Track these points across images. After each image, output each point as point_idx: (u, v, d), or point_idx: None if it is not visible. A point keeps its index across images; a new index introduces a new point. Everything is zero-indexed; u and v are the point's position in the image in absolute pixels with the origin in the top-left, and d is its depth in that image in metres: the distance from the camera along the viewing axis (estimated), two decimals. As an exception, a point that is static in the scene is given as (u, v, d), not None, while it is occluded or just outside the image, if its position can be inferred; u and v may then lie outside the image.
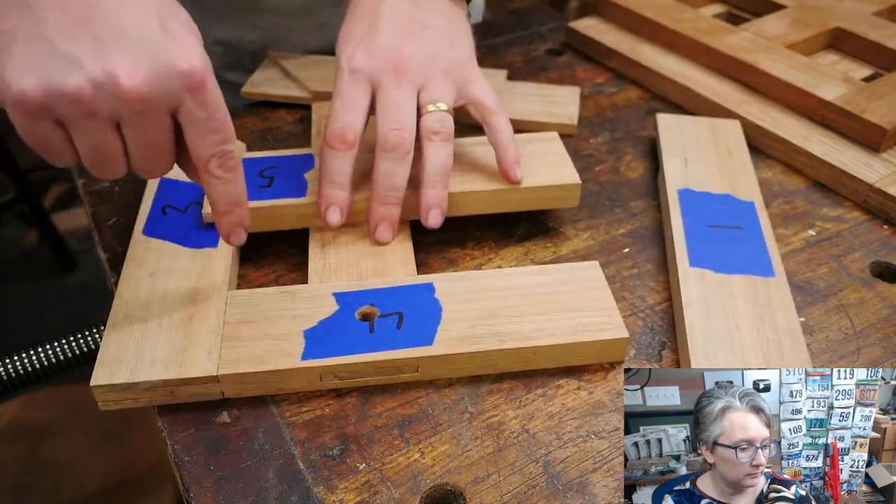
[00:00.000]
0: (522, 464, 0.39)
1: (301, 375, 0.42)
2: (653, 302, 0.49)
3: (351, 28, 0.51)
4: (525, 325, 0.44)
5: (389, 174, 0.48)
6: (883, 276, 0.51)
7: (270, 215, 0.50)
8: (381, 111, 0.48)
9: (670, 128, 0.61)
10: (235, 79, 0.76)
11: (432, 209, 0.49)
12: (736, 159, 0.58)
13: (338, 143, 0.48)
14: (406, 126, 0.48)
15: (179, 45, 0.36)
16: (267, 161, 0.54)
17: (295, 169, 0.53)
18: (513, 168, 0.51)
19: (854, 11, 0.73)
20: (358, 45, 0.49)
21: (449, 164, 0.49)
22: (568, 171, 0.53)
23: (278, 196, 0.51)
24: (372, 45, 0.49)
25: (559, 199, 0.53)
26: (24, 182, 1.66)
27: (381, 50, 0.49)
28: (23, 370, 0.54)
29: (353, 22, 0.51)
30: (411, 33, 0.50)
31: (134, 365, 0.41)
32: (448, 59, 0.51)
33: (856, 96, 0.60)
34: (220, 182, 0.41)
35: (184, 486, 0.38)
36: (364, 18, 0.51)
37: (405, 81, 0.48)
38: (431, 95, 0.49)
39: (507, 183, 0.51)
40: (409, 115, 0.48)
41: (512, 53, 0.78)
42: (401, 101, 0.48)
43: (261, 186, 0.51)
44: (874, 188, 0.55)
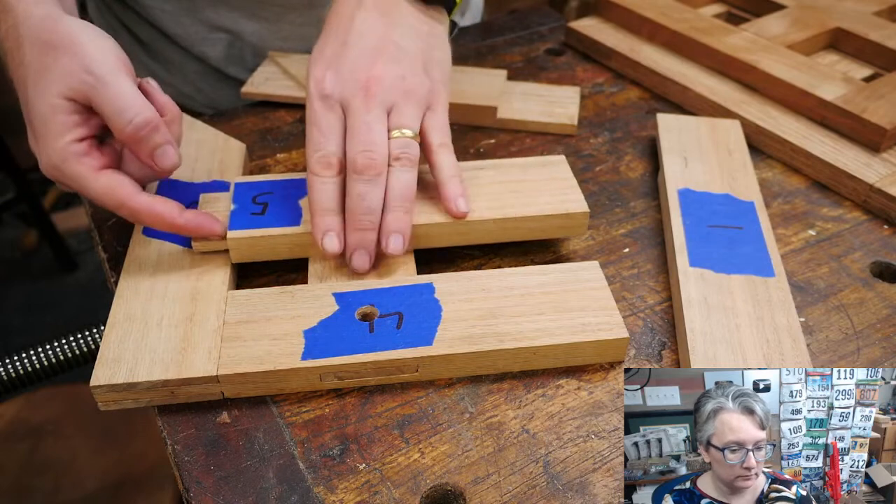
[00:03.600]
0: (522, 464, 0.39)
1: (301, 375, 0.42)
2: (653, 302, 0.49)
3: (323, 46, 0.50)
4: (525, 325, 0.44)
5: (362, 196, 0.46)
6: (883, 276, 0.51)
7: (263, 245, 0.48)
8: (351, 134, 0.47)
9: (670, 128, 0.61)
10: (236, 73, 0.76)
11: (392, 234, 0.47)
12: (736, 159, 0.58)
13: (324, 170, 0.47)
14: (376, 147, 0.47)
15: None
16: (261, 186, 0.52)
17: (290, 195, 0.51)
18: (454, 201, 0.49)
19: (854, 11, 0.73)
20: (328, 67, 0.49)
21: (411, 190, 0.48)
22: (575, 198, 0.51)
23: (272, 225, 0.48)
24: (342, 67, 0.49)
25: (565, 229, 0.51)
26: (24, 182, 1.66)
27: (351, 72, 0.48)
28: (23, 370, 0.54)
29: (326, 39, 0.51)
30: (383, 53, 0.49)
31: (134, 365, 0.41)
32: (419, 84, 0.49)
33: (856, 96, 0.60)
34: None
35: (184, 486, 0.38)
36: (337, 36, 0.50)
37: (375, 105, 0.47)
38: (398, 121, 0.48)
39: (454, 218, 0.49)
40: (380, 135, 0.47)
41: (512, 53, 0.78)
42: (371, 124, 0.47)
43: (254, 214, 0.49)
44: (874, 188, 0.55)
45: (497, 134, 0.65)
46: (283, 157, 0.62)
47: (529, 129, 0.65)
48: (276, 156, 0.63)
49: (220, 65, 0.76)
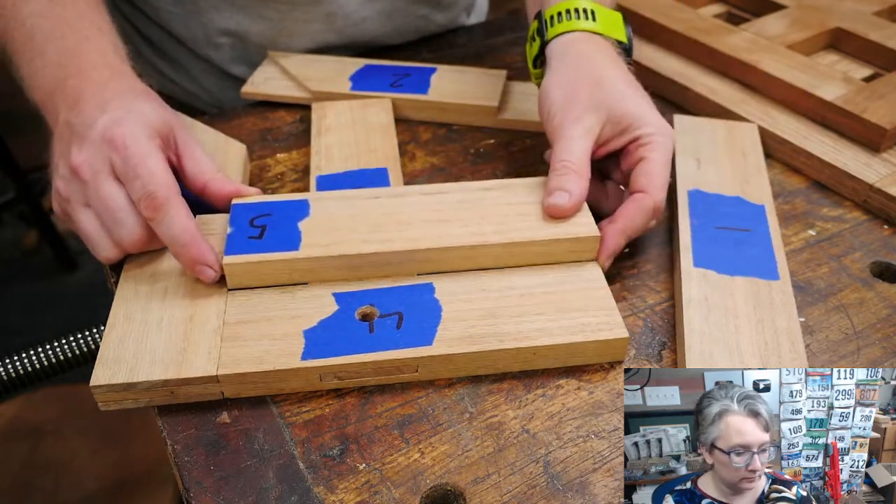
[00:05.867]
0: (522, 464, 0.39)
1: (301, 375, 0.42)
2: (653, 302, 0.49)
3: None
4: (525, 325, 0.44)
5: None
6: (883, 276, 0.51)
7: (259, 272, 0.46)
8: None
9: (686, 129, 0.61)
10: (241, 73, 0.76)
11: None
12: (751, 162, 0.58)
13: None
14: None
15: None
16: (259, 207, 0.49)
17: (288, 217, 0.48)
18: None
19: (854, 11, 0.73)
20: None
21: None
22: (584, 220, 0.48)
23: (269, 249, 0.46)
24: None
25: (574, 253, 0.48)
26: (24, 182, 1.66)
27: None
28: (23, 370, 0.54)
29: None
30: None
31: (134, 365, 0.41)
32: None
33: (856, 96, 0.60)
34: (153, 223, 0.45)
35: (184, 486, 0.38)
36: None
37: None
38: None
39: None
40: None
41: (512, 53, 0.78)
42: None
43: (251, 238, 0.47)
44: (874, 188, 0.55)
45: (497, 134, 0.65)
46: (283, 157, 0.62)
47: (529, 129, 0.65)
48: (276, 156, 0.62)
49: (225, 65, 0.76)
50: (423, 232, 0.47)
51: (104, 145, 0.45)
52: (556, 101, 0.51)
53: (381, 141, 0.61)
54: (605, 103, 0.49)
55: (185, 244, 0.44)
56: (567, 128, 0.49)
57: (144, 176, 0.44)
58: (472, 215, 0.49)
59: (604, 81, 0.50)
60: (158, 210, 0.44)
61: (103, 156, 0.45)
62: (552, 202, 0.48)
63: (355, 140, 0.61)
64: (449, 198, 0.50)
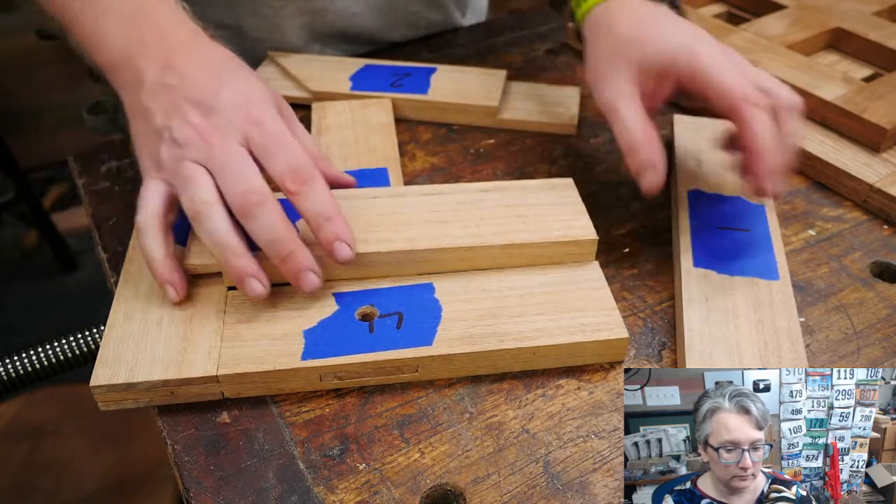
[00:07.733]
0: (522, 464, 0.39)
1: (301, 375, 0.42)
2: (653, 302, 0.49)
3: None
4: (525, 325, 0.44)
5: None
6: (883, 276, 0.51)
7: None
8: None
9: (687, 129, 0.61)
10: None
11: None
12: None
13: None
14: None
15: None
16: None
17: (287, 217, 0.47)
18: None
19: (854, 11, 0.73)
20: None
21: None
22: (583, 223, 0.49)
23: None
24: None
25: (572, 255, 0.48)
26: (24, 182, 1.66)
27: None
28: (23, 370, 0.54)
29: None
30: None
31: (134, 365, 0.41)
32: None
33: (856, 96, 0.60)
34: (298, 197, 0.44)
35: (184, 486, 0.38)
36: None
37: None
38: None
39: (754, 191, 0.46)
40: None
41: (512, 53, 0.78)
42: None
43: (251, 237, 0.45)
44: (874, 188, 0.55)
45: (497, 134, 0.65)
46: (283, 157, 0.62)
47: (529, 130, 0.65)
48: (276, 156, 0.62)
49: None
50: (422, 232, 0.47)
51: (238, 118, 0.44)
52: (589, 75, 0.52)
53: (380, 141, 0.61)
54: (632, 58, 0.49)
55: (329, 217, 0.44)
56: (606, 102, 0.50)
57: (291, 149, 0.44)
58: (471, 216, 0.49)
59: (622, 40, 0.50)
60: (306, 182, 0.44)
61: (236, 127, 0.44)
62: (645, 188, 0.47)
63: (355, 140, 0.61)
64: (448, 198, 0.50)
